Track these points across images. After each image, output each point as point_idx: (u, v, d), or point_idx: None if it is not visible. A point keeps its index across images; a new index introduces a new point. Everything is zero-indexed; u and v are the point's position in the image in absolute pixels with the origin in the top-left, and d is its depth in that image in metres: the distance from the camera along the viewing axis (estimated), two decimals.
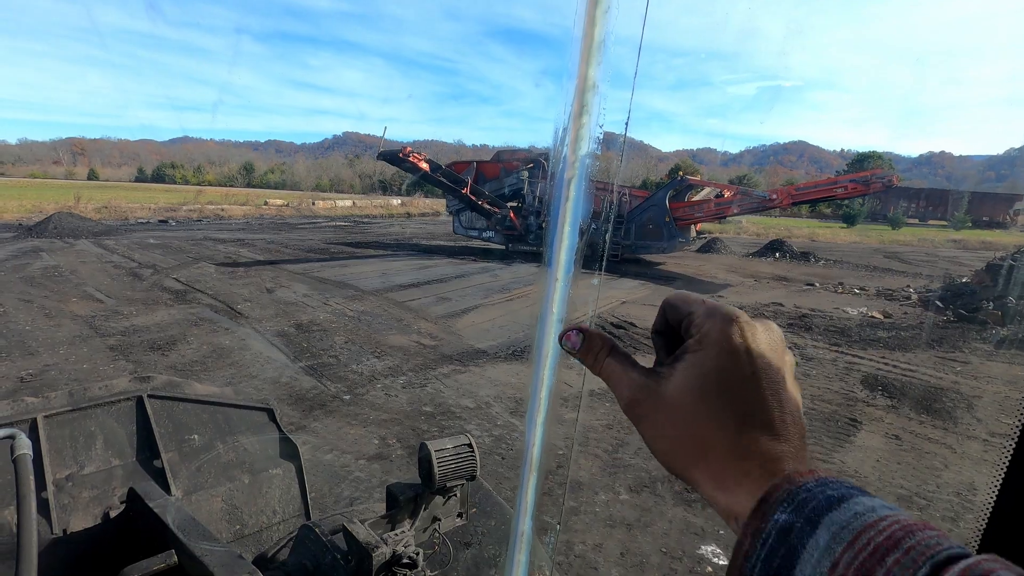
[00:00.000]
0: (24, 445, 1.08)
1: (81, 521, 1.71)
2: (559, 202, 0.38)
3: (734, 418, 0.36)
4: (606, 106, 0.40)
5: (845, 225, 43.82)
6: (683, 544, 3.72)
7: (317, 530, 0.97)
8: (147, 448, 1.93)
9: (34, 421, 1.79)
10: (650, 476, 4.57)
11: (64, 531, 1.55)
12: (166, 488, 1.80)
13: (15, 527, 1.37)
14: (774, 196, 16.87)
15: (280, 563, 1.02)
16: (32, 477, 1.01)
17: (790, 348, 0.43)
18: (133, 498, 1.28)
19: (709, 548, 3.68)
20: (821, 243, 29.27)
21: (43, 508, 1.68)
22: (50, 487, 1.72)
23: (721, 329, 0.38)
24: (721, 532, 3.87)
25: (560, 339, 0.46)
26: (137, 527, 1.28)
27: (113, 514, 1.42)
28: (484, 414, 5.68)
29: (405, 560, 0.87)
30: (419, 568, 0.88)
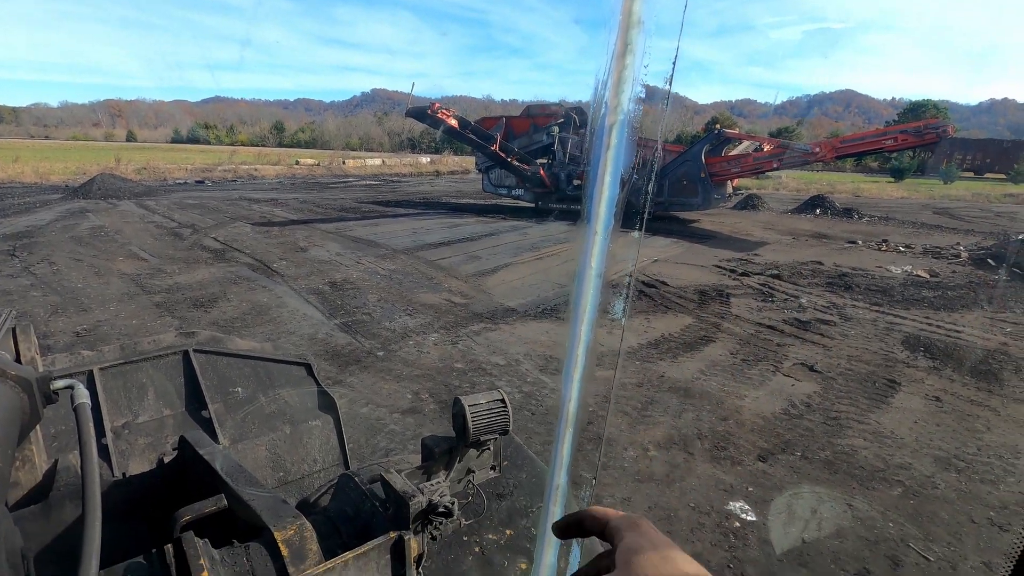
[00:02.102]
0: (83, 395, 1.15)
1: (138, 466, 1.82)
2: (599, 151, 0.36)
3: None
4: (647, 57, 0.37)
5: (892, 179, 41.66)
6: (712, 500, 3.76)
7: (356, 479, 1.01)
8: (195, 399, 2.03)
9: (91, 373, 1.90)
10: (680, 434, 4.60)
11: (124, 474, 1.66)
12: (214, 437, 1.90)
13: (79, 469, 1.47)
14: (817, 149, 16.07)
15: (322, 509, 1.07)
16: (91, 424, 1.08)
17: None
18: (184, 445, 1.35)
19: (738, 504, 3.72)
20: (866, 198, 27.98)
21: (103, 453, 1.80)
22: (109, 434, 1.83)
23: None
24: (750, 489, 3.89)
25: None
26: (188, 473, 1.36)
27: (167, 460, 1.51)
28: (514, 371, 5.76)
29: (441, 509, 0.90)
30: (454, 517, 0.92)
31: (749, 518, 3.59)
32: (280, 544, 0.84)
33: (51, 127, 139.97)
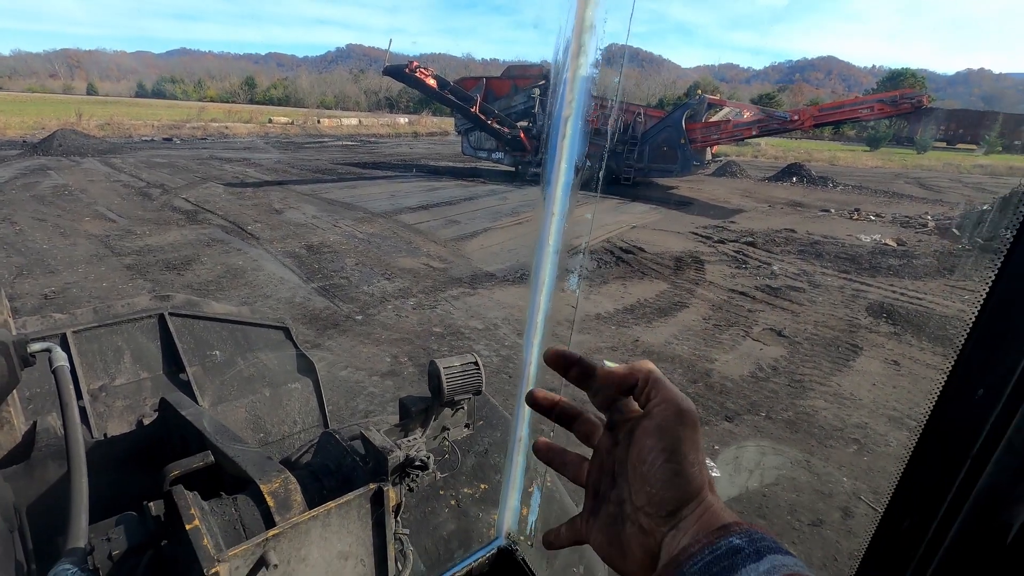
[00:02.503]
0: (61, 357, 1.17)
1: (117, 427, 1.85)
2: (556, 139, 0.40)
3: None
4: (627, 15, 0.40)
5: (868, 148, 42.19)
6: None
7: (337, 436, 1.07)
8: (172, 362, 2.05)
9: (64, 336, 1.89)
10: None
11: (104, 435, 1.69)
12: (193, 399, 1.93)
13: (59, 431, 1.50)
14: (796, 117, 16.16)
15: (305, 464, 1.13)
16: (72, 386, 1.10)
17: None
18: (165, 407, 1.39)
19: None
20: (841, 167, 28.35)
21: (81, 416, 1.82)
22: (86, 396, 1.85)
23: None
24: (716, 447, 4.09)
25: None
26: (170, 434, 1.39)
27: (147, 421, 1.54)
28: (492, 335, 5.85)
29: (417, 463, 0.96)
30: (430, 470, 0.98)
31: (713, 474, 3.79)
32: (266, 496, 0.89)
33: (3, 78, 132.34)
